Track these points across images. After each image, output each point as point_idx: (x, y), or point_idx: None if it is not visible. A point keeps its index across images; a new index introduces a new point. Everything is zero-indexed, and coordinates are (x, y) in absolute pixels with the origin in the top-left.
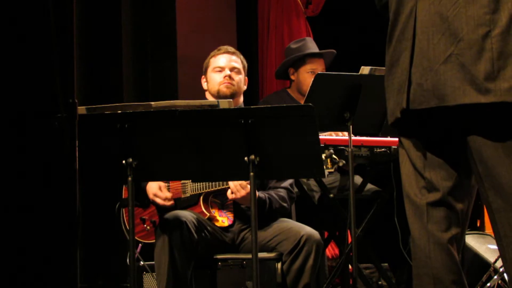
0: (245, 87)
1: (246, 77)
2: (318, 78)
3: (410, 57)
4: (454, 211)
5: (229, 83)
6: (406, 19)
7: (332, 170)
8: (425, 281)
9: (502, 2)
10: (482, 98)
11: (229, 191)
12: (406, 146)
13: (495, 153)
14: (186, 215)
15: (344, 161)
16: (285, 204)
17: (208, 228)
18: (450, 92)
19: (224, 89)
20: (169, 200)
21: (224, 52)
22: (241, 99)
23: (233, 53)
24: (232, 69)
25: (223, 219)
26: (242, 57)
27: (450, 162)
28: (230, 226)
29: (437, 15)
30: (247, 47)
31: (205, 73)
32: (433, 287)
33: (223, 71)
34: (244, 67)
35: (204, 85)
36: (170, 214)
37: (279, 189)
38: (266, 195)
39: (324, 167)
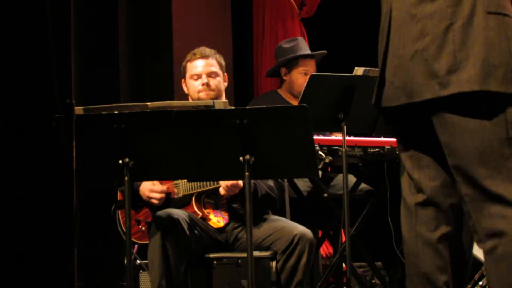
0: (226, 84)
1: (226, 74)
2: (312, 78)
3: (383, 56)
4: (442, 210)
5: (207, 90)
6: (384, 18)
7: (319, 167)
8: (416, 281)
9: None
10: (442, 91)
11: (221, 189)
12: (399, 148)
13: (461, 145)
14: (179, 213)
15: (331, 158)
16: (272, 194)
17: (201, 226)
18: (416, 88)
19: (204, 96)
20: (165, 192)
21: (200, 57)
22: (223, 97)
23: (208, 56)
24: (209, 74)
25: (218, 219)
26: (218, 55)
27: (438, 160)
28: (226, 225)
29: (407, 14)
30: (242, 48)
31: (184, 77)
32: (423, 287)
33: (200, 78)
34: (221, 66)
35: (185, 89)
36: (162, 212)
37: (268, 180)
38: (253, 180)
39: None
